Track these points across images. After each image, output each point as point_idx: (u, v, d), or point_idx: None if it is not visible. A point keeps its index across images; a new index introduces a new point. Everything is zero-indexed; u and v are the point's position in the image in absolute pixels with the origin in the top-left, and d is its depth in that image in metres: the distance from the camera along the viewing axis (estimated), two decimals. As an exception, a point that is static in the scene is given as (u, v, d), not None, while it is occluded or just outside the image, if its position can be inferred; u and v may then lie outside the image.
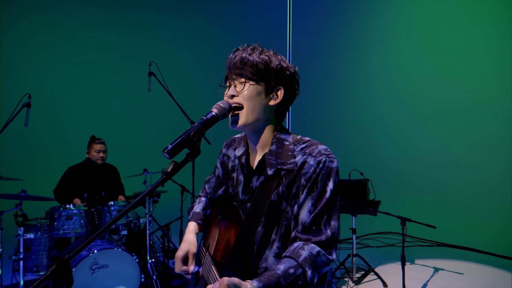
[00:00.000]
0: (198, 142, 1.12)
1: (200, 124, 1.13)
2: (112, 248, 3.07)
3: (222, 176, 1.51)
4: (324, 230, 1.13)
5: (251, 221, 1.21)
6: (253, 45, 1.24)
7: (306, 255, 1.09)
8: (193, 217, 1.49)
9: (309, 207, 1.15)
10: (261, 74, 1.19)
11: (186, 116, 3.60)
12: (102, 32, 8.30)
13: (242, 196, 1.32)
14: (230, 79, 1.24)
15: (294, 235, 1.15)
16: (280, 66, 1.21)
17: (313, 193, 1.16)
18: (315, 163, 1.16)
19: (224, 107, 1.18)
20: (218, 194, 1.55)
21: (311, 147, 1.20)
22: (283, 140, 1.24)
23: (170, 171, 1.09)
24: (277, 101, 1.23)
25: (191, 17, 9.26)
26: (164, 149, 1.08)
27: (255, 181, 1.26)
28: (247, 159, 1.31)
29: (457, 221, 5.11)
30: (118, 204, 3.54)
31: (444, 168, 5.53)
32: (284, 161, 1.21)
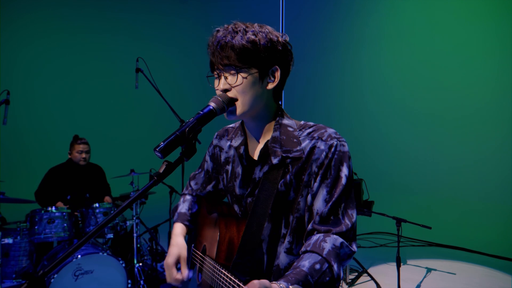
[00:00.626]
0: (193, 139, 1.01)
1: (196, 119, 1.01)
2: (97, 253, 2.92)
3: (212, 170, 1.37)
4: (342, 220, 1.04)
5: (257, 216, 1.09)
6: (234, 24, 1.09)
7: (329, 248, 0.99)
8: (179, 218, 1.36)
9: (324, 196, 1.05)
10: (251, 59, 1.05)
11: (175, 114, 3.47)
12: (86, 28, 8.06)
13: (240, 190, 1.20)
14: (218, 69, 1.10)
15: (312, 227, 1.05)
16: (270, 42, 1.07)
17: (327, 180, 1.06)
18: (326, 147, 1.06)
19: (222, 100, 1.06)
20: (206, 191, 1.41)
21: (319, 130, 1.10)
22: (286, 126, 1.13)
23: (162, 172, 0.97)
24: (275, 83, 1.11)
25: (179, 15, 9.09)
26: (156, 148, 0.96)
27: (258, 171, 1.14)
28: (246, 149, 1.19)
29: (448, 220, 5.11)
30: (104, 207, 3.39)
31: (436, 168, 5.53)
32: (289, 148, 1.10)
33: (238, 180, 1.20)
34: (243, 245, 1.09)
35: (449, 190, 5.35)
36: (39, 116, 7.51)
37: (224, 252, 1.13)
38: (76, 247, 0.83)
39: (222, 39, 1.06)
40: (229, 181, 1.25)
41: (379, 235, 5.48)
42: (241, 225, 1.15)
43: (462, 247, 4.78)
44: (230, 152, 1.25)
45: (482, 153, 5.04)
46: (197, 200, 1.43)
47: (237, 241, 1.13)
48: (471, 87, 5.14)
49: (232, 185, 1.23)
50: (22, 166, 7.00)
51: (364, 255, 4.53)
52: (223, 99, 1.06)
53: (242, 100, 1.08)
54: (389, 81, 6.05)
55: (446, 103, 5.38)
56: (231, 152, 1.25)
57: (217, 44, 1.07)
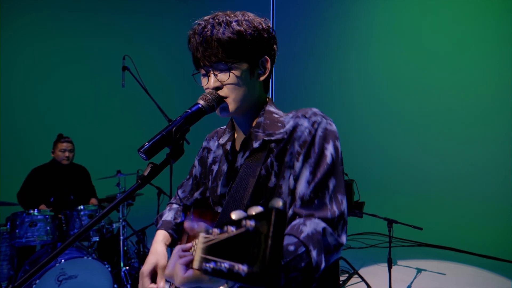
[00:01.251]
0: (181, 140, 0.94)
1: (184, 118, 0.95)
2: (81, 257, 2.82)
3: (200, 176, 1.29)
4: (329, 205, 0.91)
5: (234, 202, 1.00)
6: (215, 15, 1.02)
7: (309, 231, 0.85)
8: (163, 226, 1.25)
9: (307, 177, 0.94)
10: (240, 52, 0.98)
11: (163, 114, 3.38)
12: (71, 27, 7.88)
13: (222, 189, 1.10)
14: (204, 66, 1.02)
15: (292, 212, 0.95)
16: (256, 31, 1.00)
17: (310, 159, 0.95)
18: (309, 124, 0.98)
19: (212, 98, 0.99)
20: (193, 198, 1.31)
21: (303, 110, 1.03)
22: (272, 112, 1.07)
23: (147, 174, 0.91)
24: (266, 74, 1.05)
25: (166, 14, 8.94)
26: (140, 149, 0.90)
27: (240, 158, 1.06)
28: (233, 144, 1.12)
29: (438, 221, 5.14)
30: (89, 209, 3.29)
31: (425, 169, 5.55)
32: (272, 131, 1.02)
33: (221, 179, 1.12)
34: None
35: (438, 191, 5.39)
36: (22, 115, 7.31)
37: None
38: (59, 251, 0.78)
39: (205, 33, 0.98)
40: (213, 181, 1.16)
41: (370, 235, 5.47)
42: (216, 215, 1.06)
43: (451, 247, 4.80)
44: (218, 151, 1.18)
45: (471, 154, 5.08)
46: (184, 209, 1.33)
47: None
48: (463, 88, 5.17)
49: (216, 184, 1.14)
50: (3, 167, 6.80)
51: (355, 256, 4.51)
52: (213, 97, 1.00)
53: (235, 97, 1.01)
54: (381, 82, 6.06)
55: (436, 104, 5.42)
56: (219, 151, 1.18)
57: (200, 39, 0.99)
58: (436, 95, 5.40)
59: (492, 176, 4.85)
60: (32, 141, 7.08)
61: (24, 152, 6.95)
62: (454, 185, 5.23)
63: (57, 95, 7.64)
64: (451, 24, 5.23)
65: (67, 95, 7.73)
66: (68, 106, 7.71)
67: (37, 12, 7.53)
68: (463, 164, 5.14)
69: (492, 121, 4.89)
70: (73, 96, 7.78)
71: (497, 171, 4.80)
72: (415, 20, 5.62)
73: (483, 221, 4.80)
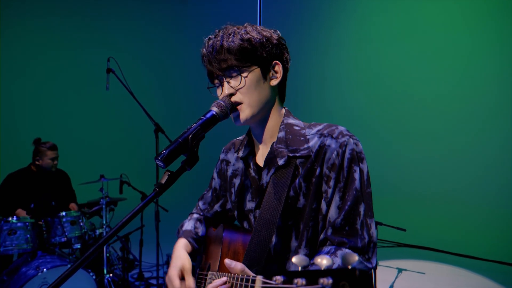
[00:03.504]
0: (196, 147, 0.95)
1: (199, 125, 0.96)
2: (64, 265, 2.74)
3: (219, 188, 1.28)
4: (360, 231, 0.95)
5: (264, 223, 1.00)
6: (224, 28, 1.05)
7: (339, 263, 0.89)
8: (183, 235, 1.25)
9: (337, 202, 0.97)
10: (250, 57, 1.01)
11: (149, 117, 3.34)
12: (54, 28, 7.55)
13: (250, 204, 1.11)
14: (218, 76, 1.04)
15: (324, 237, 0.97)
16: (265, 38, 1.03)
17: (340, 184, 0.97)
18: (337, 146, 0.98)
19: (225, 105, 1.00)
20: (214, 210, 1.31)
21: (329, 128, 1.03)
22: (292, 125, 1.07)
23: (165, 182, 0.91)
24: (279, 79, 1.07)
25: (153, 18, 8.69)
26: (158, 156, 0.90)
27: (266, 176, 1.06)
28: (254, 158, 1.11)
29: (416, 222, 5.29)
30: (71, 215, 3.19)
31: (407, 171, 5.63)
32: (296, 147, 1.02)
33: (248, 193, 1.12)
34: (249, 255, 1.01)
35: (418, 192, 5.53)
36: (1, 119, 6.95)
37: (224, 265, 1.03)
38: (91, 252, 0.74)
39: (215, 43, 1.01)
40: (236, 195, 1.16)
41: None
42: (247, 235, 1.07)
43: (430, 247, 4.96)
44: (238, 164, 1.18)
45: (448, 153, 5.20)
46: (205, 220, 1.33)
47: (242, 252, 1.05)
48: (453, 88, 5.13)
49: (241, 199, 1.15)
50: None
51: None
52: (226, 103, 1.01)
53: (249, 102, 1.02)
54: (369, 82, 5.97)
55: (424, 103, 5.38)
56: (239, 164, 1.17)
57: (211, 50, 1.01)
58: (423, 95, 5.37)
59: (469, 177, 5.02)
60: (9, 145, 6.73)
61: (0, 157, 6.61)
62: (433, 186, 5.38)
63: (38, 97, 7.29)
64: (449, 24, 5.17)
65: (49, 97, 7.40)
66: (49, 109, 7.37)
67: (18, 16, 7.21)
68: (442, 166, 5.29)
69: (476, 122, 4.93)
70: (55, 98, 7.45)
71: (475, 173, 4.97)
72: (414, 20, 5.51)
73: (460, 221, 4.98)
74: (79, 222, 3.22)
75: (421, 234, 5.07)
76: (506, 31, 4.64)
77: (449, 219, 5.08)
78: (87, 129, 7.67)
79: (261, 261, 0.99)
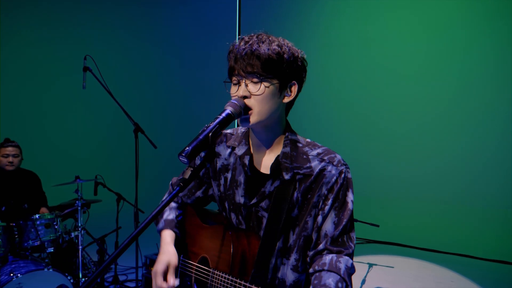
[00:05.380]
0: (214, 144, 1.01)
1: (218, 124, 1.02)
2: (41, 269, 2.64)
3: (202, 175, 1.34)
4: (347, 242, 1.14)
5: (271, 230, 1.14)
6: (259, 34, 1.12)
7: (344, 268, 1.09)
8: (168, 226, 1.31)
9: (333, 219, 1.14)
10: (275, 70, 1.08)
11: (128, 117, 3.29)
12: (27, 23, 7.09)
13: (242, 199, 1.21)
14: (238, 75, 1.10)
15: (324, 247, 1.14)
16: (293, 57, 1.11)
17: (335, 204, 1.15)
18: (337, 172, 1.14)
19: (240, 105, 1.07)
20: (195, 196, 1.36)
21: (329, 154, 1.17)
22: (295, 141, 1.18)
23: (189, 177, 0.95)
24: (291, 98, 1.15)
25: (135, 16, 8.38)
26: (182, 152, 0.95)
27: (269, 185, 1.17)
28: (251, 159, 1.21)
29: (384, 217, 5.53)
30: (45, 218, 3.07)
31: (376, 169, 5.72)
32: (299, 165, 1.15)
33: (240, 189, 1.22)
34: (260, 260, 1.12)
35: (385, 190, 5.76)
36: None
37: (237, 265, 1.14)
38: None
39: (248, 47, 1.07)
40: (228, 188, 1.25)
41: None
42: (251, 238, 1.18)
43: (397, 242, 5.23)
44: (230, 159, 1.25)
45: (412, 155, 5.45)
46: (182, 206, 1.40)
47: (249, 254, 1.15)
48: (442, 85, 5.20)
49: (232, 192, 1.24)
50: None
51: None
52: (240, 104, 1.07)
53: (260, 110, 1.09)
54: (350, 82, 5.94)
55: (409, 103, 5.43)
56: (231, 159, 1.25)
57: (242, 50, 1.08)
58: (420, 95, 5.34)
59: (433, 175, 5.29)
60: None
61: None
62: (400, 185, 5.58)
63: (10, 96, 6.78)
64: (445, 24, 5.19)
65: (22, 96, 6.89)
66: (22, 108, 6.89)
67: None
68: (408, 165, 5.47)
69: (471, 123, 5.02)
70: (29, 97, 6.96)
71: (437, 171, 5.25)
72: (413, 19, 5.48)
73: (425, 217, 5.28)
74: (54, 225, 3.10)
75: (391, 231, 5.31)
76: (503, 32, 4.73)
77: (416, 215, 5.35)
78: (62, 129, 7.26)
79: (267, 266, 1.13)
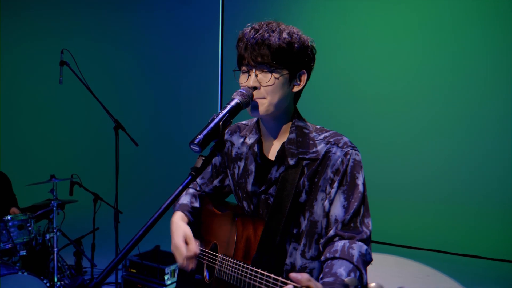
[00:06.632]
0: (223, 133, 0.99)
1: (228, 112, 1.00)
2: (14, 273, 2.50)
3: (219, 165, 1.36)
4: (361, 228, 1.09)
5: (276, 216, 1.11)
6: (268, 22, 1.11)
7: (357, 255, 1.03)
8: (180, 208, 1.31)
9: (342, 202, 1.10)
10: (285, 60, 1.07)
11: (109, 114, 3.18)
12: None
13: (253, 187, 1.21)
14: (248, 65, 1.09)
15: (334, 233, 1.09)
16: (303, 46, 1.10)
17: (343, 186, 1.10)
18: (342, 154, 1.11)
19: (248, 94, 1.05)
20: (213, 185, 1.38)
21: (335, 136, 1.15)
22: (302, 128, 1.17)
23: (200, 166, 0.93)
24: (300, 87, 1.15)
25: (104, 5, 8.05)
26: (193, 141, 0.93)
27: (275, 172, 1.16)
28: (261, 147, 1.21)
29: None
30: (18, 219, 2.93)
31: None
32: (305, 150, 1.14)
33: (251, 177, 1.22)
34: (262, 244, 1.11)
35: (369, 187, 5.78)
36: None
37: (241, 250, 1.13)
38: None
39: (258, 36, 1.06)
40: (240, 177, 1.25)
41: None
42: (257, 223, 1.16)
43: (374, 240, 5.33)
44: (243, 148, 1.26)
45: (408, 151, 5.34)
46: (200, 195, 1.39)
47: (253, 239, 1.14)
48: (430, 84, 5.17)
49: (244, 181, 1.24)
50: None
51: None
52: (248, 93, 1.06)
53: (270, 100, 1.09)
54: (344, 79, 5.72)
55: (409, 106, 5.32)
56: (243, 148, 1.25)
57: (252, 39, 1.06)
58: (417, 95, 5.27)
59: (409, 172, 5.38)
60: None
61: None
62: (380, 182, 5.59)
63: None
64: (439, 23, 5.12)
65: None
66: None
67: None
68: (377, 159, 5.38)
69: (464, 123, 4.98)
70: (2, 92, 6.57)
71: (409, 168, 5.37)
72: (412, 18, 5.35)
73: (400, 214, 5.42)
74: (27, 226, 2.95)
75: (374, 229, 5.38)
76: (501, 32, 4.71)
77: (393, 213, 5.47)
78: (37, 126, 6.83)
79: (271, 250, 1.10)
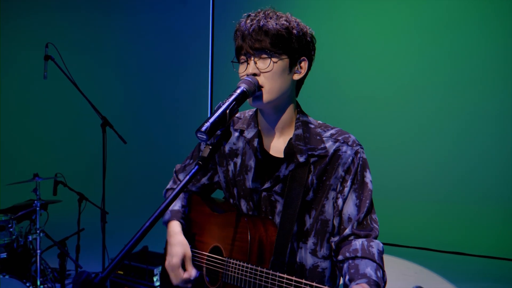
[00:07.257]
0: (230, 122, 0.96)
1: (235, 100, 0.97)
2: (-5, 277, 2.38)
3: None
4: (372, 225, 1.10)
5: (288, 215, 1.09)
6: (265, 10, 1.09)
7: (377, 253, 1.05)
8: (174, 216, 1.26)
9: (354, 201, 1.10)
10: (284, 46, 1.05)
11: (96, 110, 3.09)
12: None
13: (253, 184, 1.16)
14: (246, 53, 1.06)
15: (350, 232, 1.09)
16: (301, 32, 1.08)
17: (355, 185, 1.11)
18: (352, 153, 1.11)
19: (254, 82, 1.03)
20: (201, 183, 1.32)
21: (343, 134, 1.14)
22: (307, 123, 1.14)
23: (208, 155, 0.89)
24: (301, 75, 1.12)
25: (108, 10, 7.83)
26: (200, 129, 0.89)
27: (284, 169, 1.12)
28: (260, 142, 1.16)
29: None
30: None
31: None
32: (314, 146, 1.11)
33: (250, 174, 1.17)
34: (278, 246, 1.07)
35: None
36: None
37: (255, 253, 1.07)
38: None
39: (255, 23, 1.04)
40: (237, 174, 1.20)
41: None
42: (267, 224, 1.12)
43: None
44: (239, 143, 1.20)
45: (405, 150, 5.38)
46: (186, 195, 1.34)
47: (266, 241, 1.10)
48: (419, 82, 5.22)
49: (242, 178, 1.18)
50: None
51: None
52: (254, 81, 1.03)
53: (270, 87, 1.05)
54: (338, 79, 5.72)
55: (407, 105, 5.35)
56: (239, 143, 1.20)
57: (249, 27, 1.04)
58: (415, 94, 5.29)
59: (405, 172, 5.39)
60: None
61: None
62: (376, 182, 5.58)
63: None
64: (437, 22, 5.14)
65: None
66: None
67: None
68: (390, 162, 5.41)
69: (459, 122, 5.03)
70: None
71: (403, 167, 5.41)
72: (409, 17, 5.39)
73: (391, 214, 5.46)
74: (9, 228, 2.83)
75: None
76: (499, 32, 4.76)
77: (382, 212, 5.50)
78: (20, 123, 6.55)
79: (285, 252, 1.07)
